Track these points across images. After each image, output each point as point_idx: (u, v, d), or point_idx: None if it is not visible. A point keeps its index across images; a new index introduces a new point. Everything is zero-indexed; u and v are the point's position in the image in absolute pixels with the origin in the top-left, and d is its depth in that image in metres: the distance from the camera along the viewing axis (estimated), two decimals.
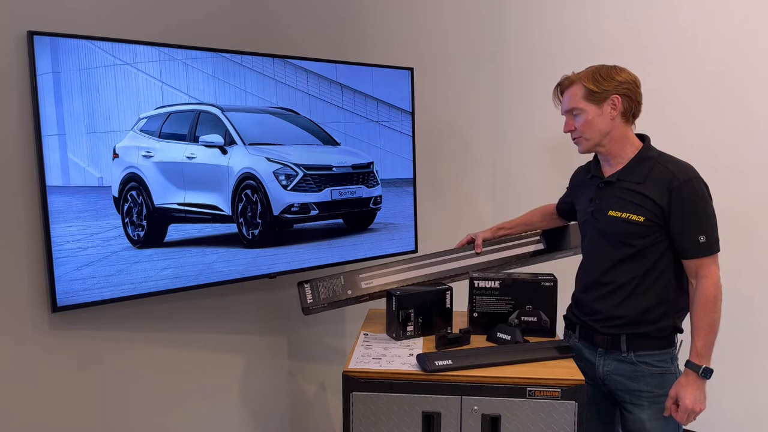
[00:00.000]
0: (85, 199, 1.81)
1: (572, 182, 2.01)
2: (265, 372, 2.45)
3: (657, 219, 1.66)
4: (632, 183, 1.70)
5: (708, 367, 1.63)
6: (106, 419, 2.00)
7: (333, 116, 2.29)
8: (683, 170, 1.66)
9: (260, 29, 2.26)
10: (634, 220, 1.67)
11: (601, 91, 1.70)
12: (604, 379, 1.78)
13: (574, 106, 1.73)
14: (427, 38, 2.70)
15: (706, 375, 1.63)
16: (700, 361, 1.63)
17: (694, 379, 1.63)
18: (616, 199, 1.72)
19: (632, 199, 1.69)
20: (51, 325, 1.85)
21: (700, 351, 1.63)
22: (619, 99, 1.70)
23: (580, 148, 1.79)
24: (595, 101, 1.71)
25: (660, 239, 1.68)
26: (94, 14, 1.86)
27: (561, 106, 1.81)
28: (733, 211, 2.15)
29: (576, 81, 1.74)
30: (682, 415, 1.65)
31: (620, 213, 1.70)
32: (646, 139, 1.77)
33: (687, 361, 1.65)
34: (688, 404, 1.62)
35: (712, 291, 1.64)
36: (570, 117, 1.77)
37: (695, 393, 1.63)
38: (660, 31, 2.45)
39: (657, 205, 1.65)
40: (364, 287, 2.04)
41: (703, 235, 1.63)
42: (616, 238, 1.71)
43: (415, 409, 1.65)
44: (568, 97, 1.76)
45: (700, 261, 1.65)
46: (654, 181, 1.67)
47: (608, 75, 1.71)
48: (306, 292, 2.00)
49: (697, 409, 1.63)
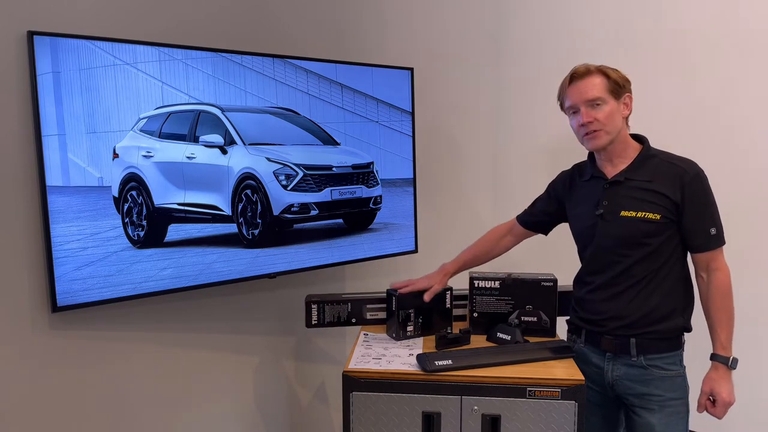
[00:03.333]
0: (85, 199, 1.81)
1: (558, 189, 1.92)
2: (265, 372, 2.45)
3: (671, 215, 1.64)
4: (642, 181, 1.67)
5: (735, 357, 1.63)
6: (106, 419, 2.00)
7: (333, 116, 2.29)
8: (690, 165, 1.66)
9: (260, 29, 2.26)
10: (651, 219, 1.64)
11: (622, 86, 1.66)
12: (613, 384, 1.75)
13: (598, 95, 1.64)
14: (427, 38, 2.70)
15: (734, 366, 1.64)
16: (726, 353, 1.64)
17: (724, 371, 1.64)
18: (627, 199, 1.68)
19: (646, 197, 1.66)
20: (51, 325, 1.84)
21: (725, 343, 1.64)
22: (631, 98, 1.69)
23: (595, 143, 1.67)
24: (616, 95, 1.66)
25: (673, 235, 1.67)
26: (94, 14, 1.86)
27: (572, 96, 1.69)
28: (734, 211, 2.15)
29: (595, 71, 1.66)
30: (721, 409, 1.64)
31: (635, 213, 1.66)
32: (644, 139, 1.75)
33: (713, 354, 1.65)
34: (725, 397, 1.63)
35: (726, 282, 1.65)
36: (588, 107, 1.65)
37: (729, 385, 1.64)
38: (661, 35, 2.44)
39: (671, 200, 1.63)
40: (369, 318, 2.06)
41: (713, 228, 1.64)
42: (632, 239, 1.67)
43: (415, 409, 1.65)
44: (587, 85, 1.65)
45: (711, 254, 1.66)
46: (664, 177, 1.65)
47: (620, 72, 1.68)
48: (313, 312, 2.03)
49: (732, 401, 1.63)
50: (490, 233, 2.06)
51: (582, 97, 1.66)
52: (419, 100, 2.56)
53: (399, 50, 2.60)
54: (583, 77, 1.66)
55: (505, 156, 2.87)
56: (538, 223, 1.98)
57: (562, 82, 1.73)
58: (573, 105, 1.69)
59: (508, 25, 2.80)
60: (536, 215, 1.97)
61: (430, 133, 2.70)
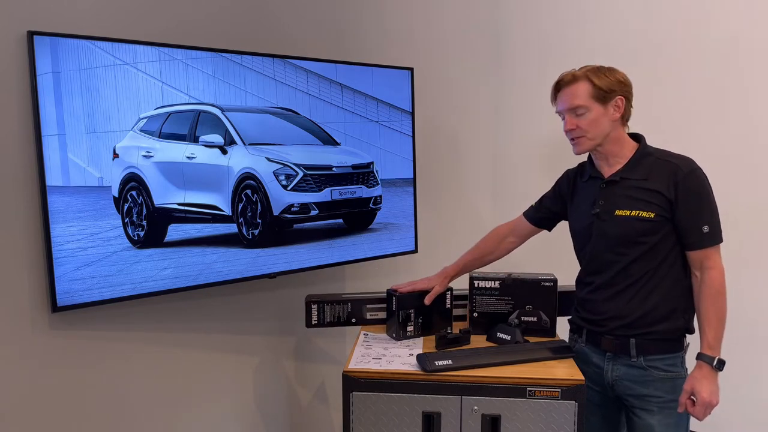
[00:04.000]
0: (85, 199, 1.81)
1: (561, 187, 1.94)
2: (264, 372, 2.45)
3: (666, 213, 1.64)
4: (637, 180, 1.68)
5: (721, 358, 1.62)
6: (106, 419, 2.00)
7: (333, 116, 2.29)
8: (685, 162, 1.66)
9: (260, 29, 2.26)
10: (645, 217, 1.65)
11: (609, 91, 1.66)
12: (613, 385, 1.75)
13: (580, 103, 1.67)
14: (427, 38, 2.70)
15: (719, 367, 1.62)
16: (713, 353, 1.62)
17: (708, 371, 1.62)
18: (622, 198, 1.69)
19: (640, 196, 1.66)
20: (51, 325, 1.84)
21: (712, 342, 1.62)
22: (623, 100, 1.68)
23: (579, 149, 1.73)
24: (602, 100, 1.66)
25: (669, 233, 1.66)
26: (94, 14, 1.86)
27: (559, 103, 1.73)
28: (733, 210, 2.15)
29: (581, 77, 1.67)
30: (700, 409, 1.61)
31: (629, 211, 1.67)
32: (641, 138, 1.75)
33: (699, 353, 1.64)
34: (705, 397, 1.60)
35: (719, 281, 1.64)
36: (571, 115, 1.69)
37: (711, 386, 1.61)
38: (661, 35, 2.45)
39: (665, 198, 1.63)
40: (369, 318, 2.06)
41: (706, 225, 1.63)
42: (628, 238, 1.67)
43: (415, 409, 1.65)
44: (570, 94, 1.69)
45: (705, 252, 1.64)
46: (658, 175, 1.66)
47: (612, 74, 1.68)
48: (313, 312, 2.04)
49: (714, 402, 1.61)
50: (491, 234, 2.04)
51: (565, 105, 1.71)
52: (419, 100, 2.56)
53: (399, 50, 2.60)
54: (568, 84, 1.69)
55: (505, 156, 2.87)
56: (543, 219, 1.98)
57: (552, 88, 1.76)
58: (559, 112, 1.75)
59: (508, 25, 2.80)
60: (543, 211, 1.97)
61: (430, 133, 2.70)
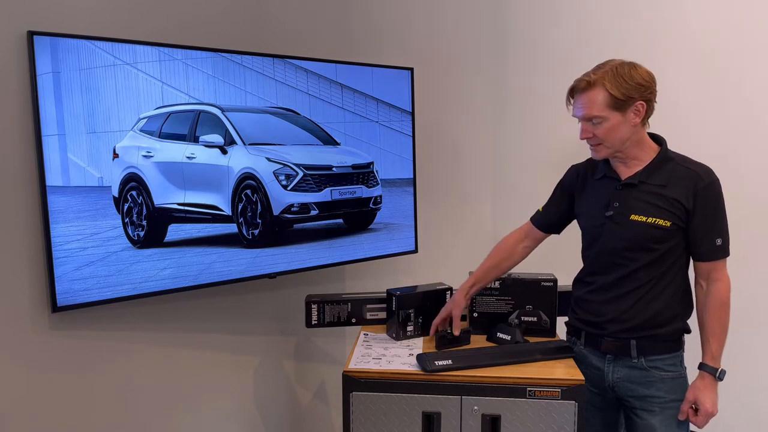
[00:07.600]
0: (85, 199, 1.81)
1: (569, 184, 1.86)
2: (265, 372, 2.45)
3: (681, 222, 1.62)
4: (655, 186, 1.63)
5: (723, 369, 1.63)
6: (105, 419, 2.00)
7: (333, 116, 2.29)
8: (706, 172, 1.63)
9: (260, 29, 2.26)
10: (661, 225, 1.61)
11: (627, 99, 1.57)
12: (613, 387, 1.74)
13: (596, 114, 1.59)
14: (427, 38, 2.70)
15: (721, 377, 1.63)
16: (715, 364, 1.63)
17: (710, 381, 1.63)
18: (639, 203, 1.64)
19: (658, 202, 1.62)
20: (51, 325, 1.84)
21: (715, 353, 1.63)
22: (644, 105, 1.60)
23: (598, 155, 1.67)
24: (620, 108, 1.58)
25: (680, 241, 1.65)
26: (94, 14, 1.86)
27: (574, 108, 1.66)
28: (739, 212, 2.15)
29: (596, 84, 1.58)
30: (702, 419, 1.63)
31: (645, 217, 1.63)
32: (663, 141, 1.70)
33: (701, 363, 1.65)
34: (708, 408, 1.62)
35: (725, 294, 1.64)
36: (587, 124, 1.63)
37: (713, 396, 1.62)
38: (666, 31, 2.44)
39: (683, 207, 1.60)
40: (369, 318, 2.06)
41: (719, 238, 1.62)
42: (640, 244, 1.64)
43: (415, 409, 1.65)
44: (586, 101, 1.60)
45: (714, 264, 1.64)
46: (678, 183, 1.62)
47: (631, 78, 1.57)
48: (313, 312, 2.04)
49: (715, 412, 1.63)
50: (504, 242, 1.96)
51: (580, 113, 1.64)
52: (419, 100, 2.56)
53: (399, 50, 2.60)
54: (583, 92, 1.61)
55: (505, 156, 2.87)
56: (552, 224, 1.91)
57: (567, 92, 1.69)
58: (576, 116, 1.68)
59: (508, 25, 2.80)
60: (550, 215, 1.90)
61: (430, 133, 2.70)
